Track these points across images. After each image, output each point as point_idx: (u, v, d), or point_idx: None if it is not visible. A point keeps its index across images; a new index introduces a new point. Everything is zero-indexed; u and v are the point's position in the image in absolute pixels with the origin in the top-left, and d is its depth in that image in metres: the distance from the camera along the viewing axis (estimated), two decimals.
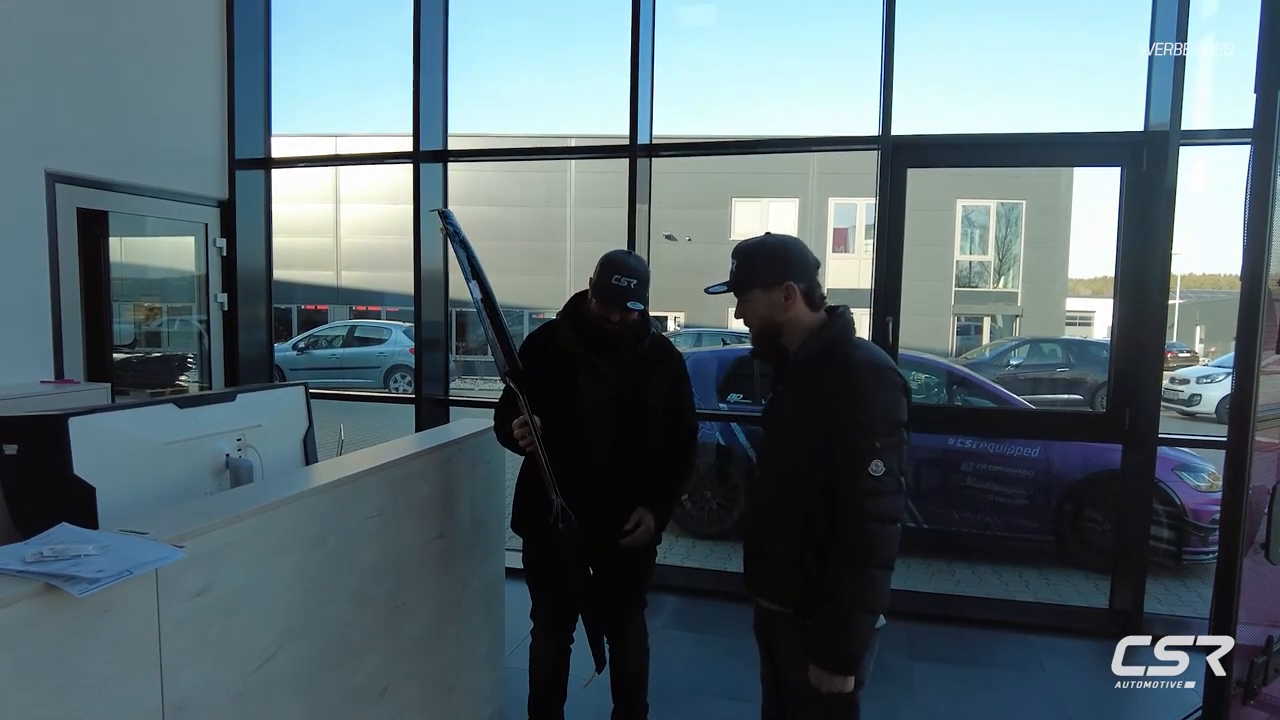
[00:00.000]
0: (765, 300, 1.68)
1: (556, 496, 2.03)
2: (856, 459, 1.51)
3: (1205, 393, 12.80)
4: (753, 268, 1.69)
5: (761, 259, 1.69)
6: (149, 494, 1.69)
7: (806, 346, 1.66)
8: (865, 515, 1.51)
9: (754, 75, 26.51)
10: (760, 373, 5.74)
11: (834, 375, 1.58)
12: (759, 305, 1.69)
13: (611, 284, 2.08)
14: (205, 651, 1.38)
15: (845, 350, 1.62)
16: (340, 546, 1.77)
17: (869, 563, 1.51)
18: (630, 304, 2.08)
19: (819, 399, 1.59)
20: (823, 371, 1.61)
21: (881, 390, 1.55)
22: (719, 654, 3.26)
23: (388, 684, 1.98)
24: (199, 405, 1.92)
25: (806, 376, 1.64)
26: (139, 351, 4.76)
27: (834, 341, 1.64)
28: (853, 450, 1.52)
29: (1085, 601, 4.18)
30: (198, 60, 4.17)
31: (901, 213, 3.64)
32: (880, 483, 1.51)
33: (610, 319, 2.13)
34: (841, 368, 1.59)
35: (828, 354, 1.63)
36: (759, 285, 1.68)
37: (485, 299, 2.06)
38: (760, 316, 1.69)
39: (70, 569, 1.09)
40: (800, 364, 1.66)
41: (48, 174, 3.41)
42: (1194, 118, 3.37)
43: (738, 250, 1.73)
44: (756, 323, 1.70)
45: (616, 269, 2.08)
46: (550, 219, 21.53)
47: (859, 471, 1.51)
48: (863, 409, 1.53)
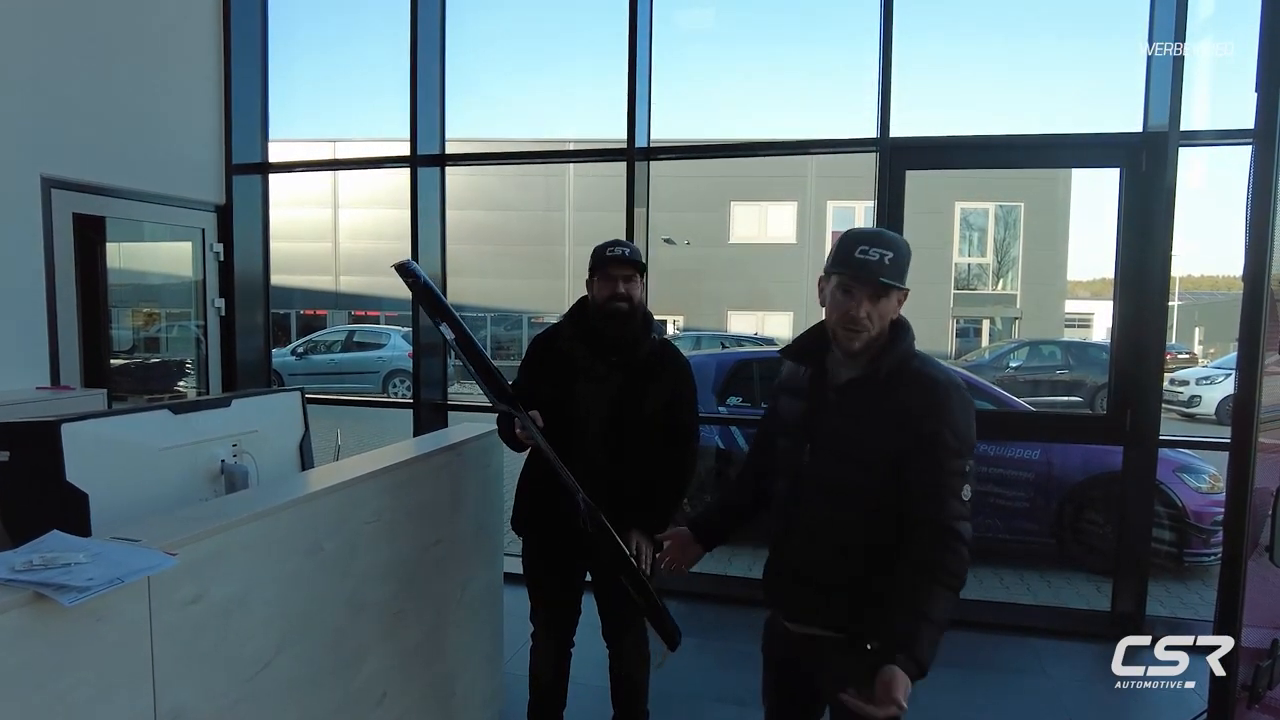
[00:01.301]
0: (892, 303, 1.50)
1: (582, 495, 1.99)
2: (948, 482, 1.43)
3: (1205, 394, 12.80)
4: (906, 264, 1.49)
5: (910, 258, 1.50)
6: (143, 501, 1.67)
7: (885, 359, 1.50)
8: (960, 540, 1.43)
9: (752, 78, 26.60)
10: (760, 376, 5.73)
11: (919, 395, 1.47)
12: (893, 305, 1.50)
13: (606, 254, 2.15)
14: (199, 660, 1.36)
15: (919, 367, 1.50)
16: (337, 552, 1.75)
17: (954, 582, 1.43)
18: (629, 257, 2.13)
19: (897, 417, 1.47)
20: (902, 389, 1.48)
21: (967, 412, 1.48)
22: (719, 659, 3.24)
23: (386, 690, 1.96)
24: (194, 411, 1.90)
25: (881, 392, 1.49)
26: (138, 357, 4.74)
27: (909, 356, 1.52)
28: (944, 473, 1.44)
29: (1087, 604, 4.16)
30: (194, 65, 4.16)
31: (900, 215, 3.63)
32: (966, 507, 1.45)
33: (617, 290, 2.13)
34: (926, 387, 1.47)
35: (903, 370, 1.50)
36: (901, 284, 1.49)
37: (459, 338, 2.00)
38: (886, 319, 1.50)
39: (60, 577, 1.08)
40: (877, 378, 1.50)
41: (43, 179, 3.40)
42: (1193, 118, 3.37)
43: (889, 239, 1.50)
44: (880, 326, 1.49)
45: (608, 245, 2.18)
46: (549, 223, 21.57)
47: (954, 495, 1.43)
48: (953, 431, 1.44)
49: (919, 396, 1.46)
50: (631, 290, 2.15)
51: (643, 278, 2.21)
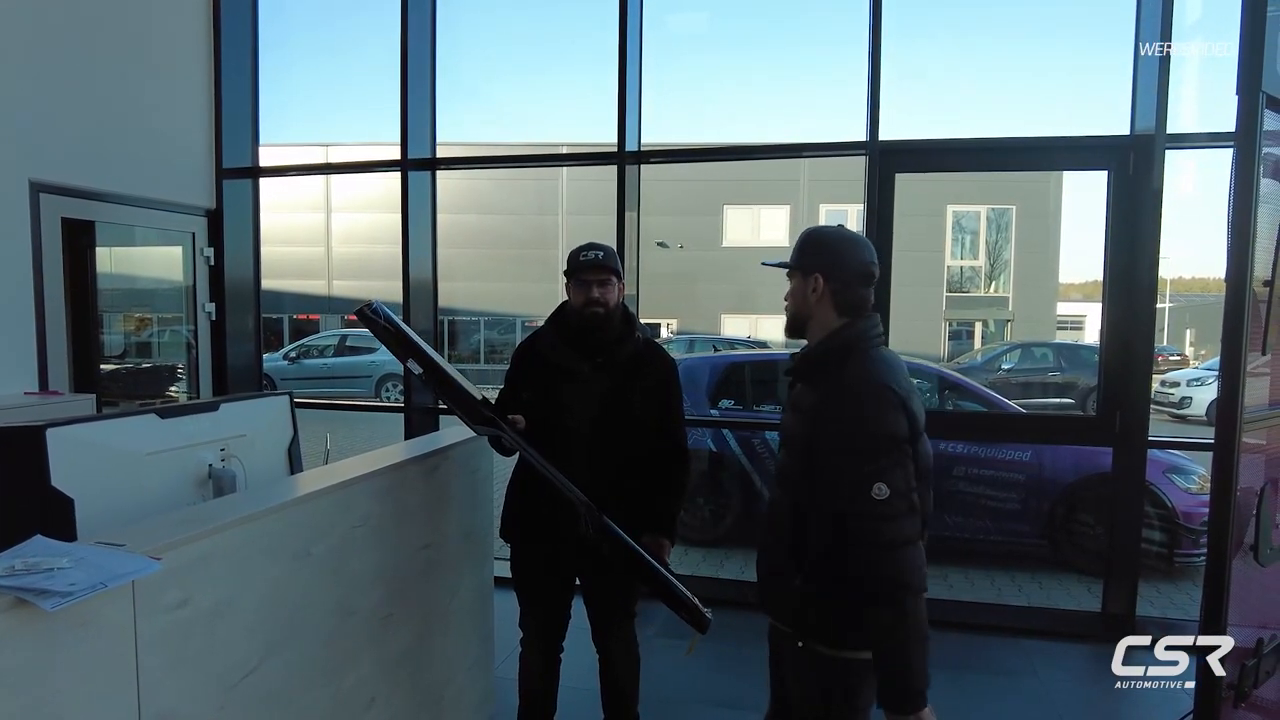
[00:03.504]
0: (799, 286, 1.63)
1: (581, 499, 1.97)
2: (857, 486, 1.42)
3: (1196, 395, 12.88)
4: (799, 250, 1.65)
5: (808, 244, 1.64)
6: (130, 506, 1.66)
7: (813, 350, 1.61)
8: (882, 544, 1.40)
9: (744, 82, 26.67)
10: (752, 379, 5.75)
11: (827, 389, 1.53)
12: (795, 290, 1.64)
13: (580, 260, 2.16)
14: (184, 666, 1.35)
15: (846, 361, 1.53)
16: (325, 557, 1.74)
17: (901, 593, 1.39)
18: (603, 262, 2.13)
19: (811, 413, 1.53)
20: (821, 382, 1.55)
21: (878, 409, 1.46)
22: (712, 663, 3.24)
23: (374, 696, 1.95)
24: (182, 415, 1.89)
25: (809, 383, 1.60)
26: (129, 362, 4.73)
27: (840, 349, 1.55)
28: (850, 479, 1.43)
29: (1078, 605, 4.18)
30: (184, 68, 4.16)
31: (890, 218, 3.65)
32: (889, 505, 1.40)
33: (592, 295, 2.13)
34: (835, 382, 1.52)
35: (828, 363, 1.56)
36: (798, 269, 1.63)
37: (427, 373, 1.96)
38: (795, 303, 1.65)
39: (42, 583, 1.07)
40: (802, 369, 1.62)
41: (32, 183, 3.38)
42: (1180, 121, 3.40)
43: (803, 231, 1.70)
44: (791, 309, 1.66)
45: (581, 249, 2.19)
46: (541, 227, 21.56)
47: (862, 497, 1.41)
48: (852, 431, 1.45)
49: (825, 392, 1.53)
50: (606, 295, 2.15)
51: (619, 280, 2.21)
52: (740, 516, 5.10)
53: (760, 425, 5.16)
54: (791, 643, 1.58)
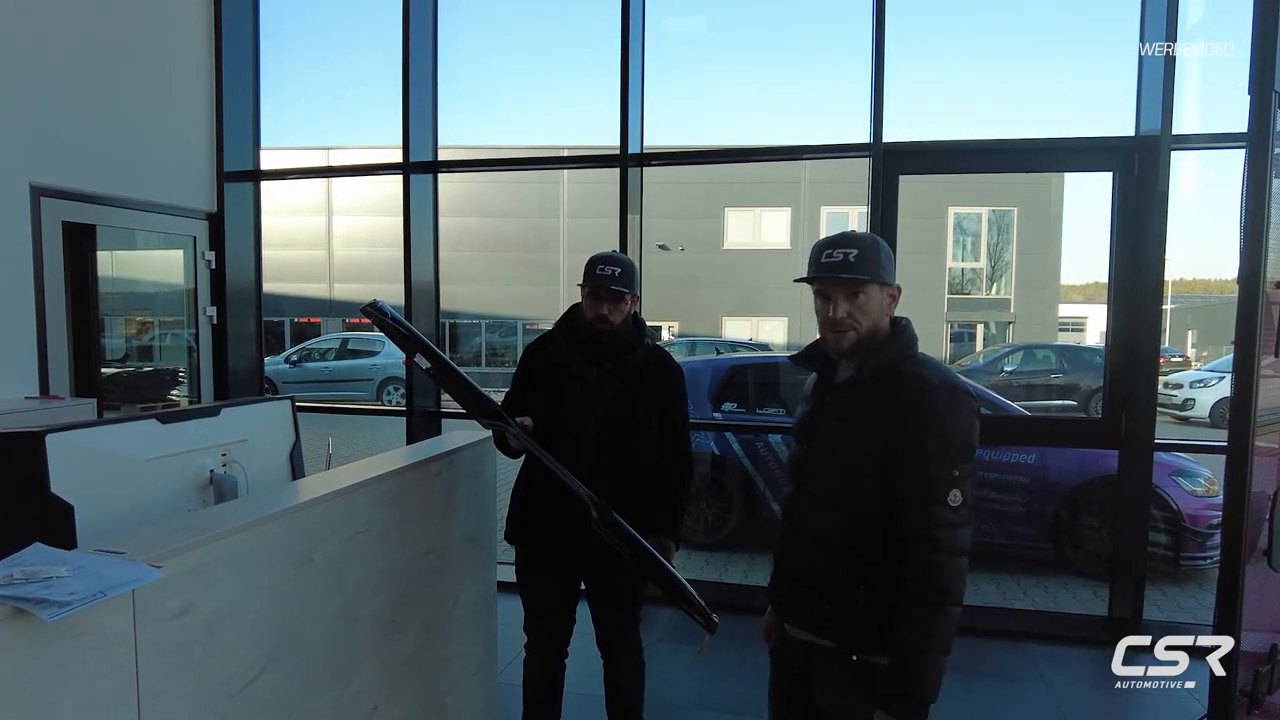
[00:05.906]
0: (880, 298, 1.51)
1: (590, 495, 1.96)
2: (932, 488, 1.40)
3: (1199, 397, 12.86)
4: (877, 258, 1.50)
5: (884, 252, 1.51)
6: (130, 512, 1.64)
7: (872, 360, 1.50)
8: (943, 549, 1.39)
9: (746, 85, 26.69)
10: (754, 381, 5.72)
11: (904, 396, 1.45)
12: (874, 302, 1.51)
13: (595, 273, 2.12)
14: (185, 675, 1.33)
15: (913, 368, 1.48)
16: (327, 563, 1.72)
17: (945, 599, 1.39)
18: (615, 287, 2.09)
19: (881, 420, 1.46)
20: (890, 390, 1.47)
21: (958, 414, 1.43)
22: (717, 667, 3.22)
23: (377, 703, 1.93)
24: (182, 420, 1.87)
25: (869, 393, 1.49)
26: (130, 366, 4.71)
27: (901, 357, 1.50)
28: (928, 479, 1.40)
29: (1084, 609, 4.15)
30: (185, 72, 4.15)
31: (893, 220, 3.63)
32: (957, 514, 1.40)
33: (601, 312, 2.12)
34: (913, 388, 1.45)
35: (895, 371, 1.48)
36: (879, 280, 1.50)
37: (434, 367, 1.98)
38: (872, 315, 1.51)
39: (41, 592, 1.05)
40: (862, 379, 1.51)
41: (32, 187, 3.37)
42: (1185, 122, 3.38)
43: (854, 237, 1.52)
44: (868, 323, 1.50)
45: (599, 261, 2.14)
46: (543, 230, 21.58)
47: (936, 502, 1.39)
48: (938, 434, 1.41)
49: (904, 399, 1.45)
50: (614, 314, 2.14)
51: (633, 296, 2.19)
52: (743, 520, 5.07)
53: (763, 428, 5.14)
54: (841, 657, 1.51)
